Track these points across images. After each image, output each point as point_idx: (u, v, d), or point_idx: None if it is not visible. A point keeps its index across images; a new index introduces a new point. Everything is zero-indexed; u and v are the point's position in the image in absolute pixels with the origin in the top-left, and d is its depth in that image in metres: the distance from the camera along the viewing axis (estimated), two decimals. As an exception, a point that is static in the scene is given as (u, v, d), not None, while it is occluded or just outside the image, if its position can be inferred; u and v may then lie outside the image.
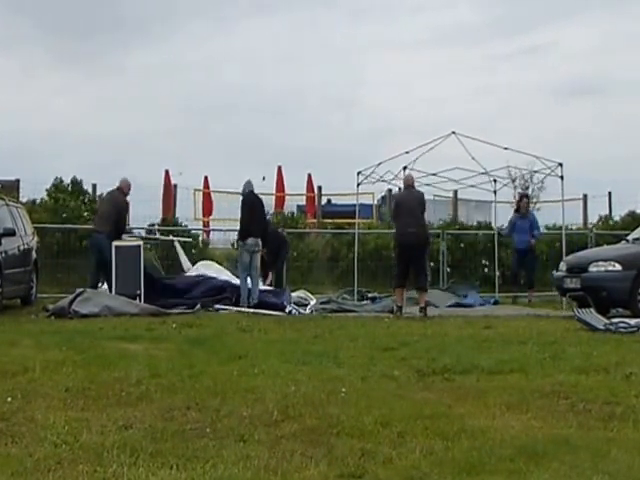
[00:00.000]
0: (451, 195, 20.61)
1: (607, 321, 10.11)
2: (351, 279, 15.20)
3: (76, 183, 17.73)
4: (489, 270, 17.68)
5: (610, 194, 22.23)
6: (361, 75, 44.93)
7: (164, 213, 19.53)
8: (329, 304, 13.49)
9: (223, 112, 44.55)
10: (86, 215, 16.62)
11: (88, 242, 14.10)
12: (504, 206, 18.17)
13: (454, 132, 14.17)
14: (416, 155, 14.12)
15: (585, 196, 21.65)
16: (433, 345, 8.32)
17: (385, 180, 15.56)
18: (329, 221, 20.62)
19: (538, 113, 42.22)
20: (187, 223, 19.09)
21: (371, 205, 22.34)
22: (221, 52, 45.45)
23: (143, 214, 18.03)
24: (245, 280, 12.77)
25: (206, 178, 22.39)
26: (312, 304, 13.34)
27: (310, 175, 23.09)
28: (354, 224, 17.23)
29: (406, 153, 14.14)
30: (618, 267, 12.08)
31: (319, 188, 22.20)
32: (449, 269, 17.35)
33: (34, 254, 13.77)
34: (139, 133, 39.10)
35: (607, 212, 21.82)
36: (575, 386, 5.95)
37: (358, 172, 15.10)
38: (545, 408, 5.26)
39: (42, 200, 17.43)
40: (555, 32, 45.31)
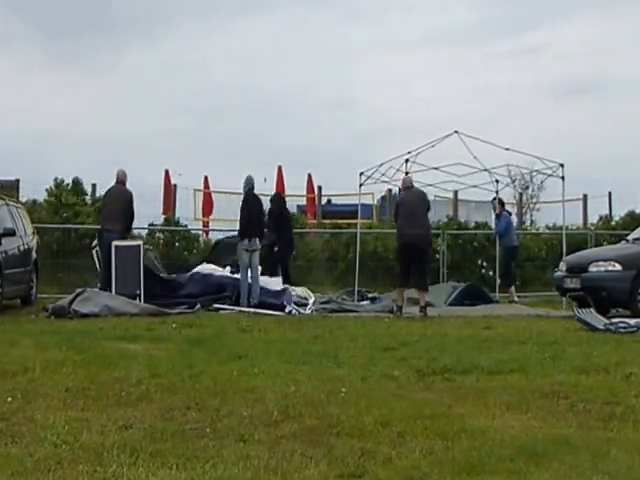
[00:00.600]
0: (451, 196, 20.64)
1: (607, 321, 10.11)
2: (351, 279, 15.19)
3: (77, 183, 17.74)
4: (487, 270, 17.68)
5: (610, 194, 22.23)
6: (361, 75, 45.03)
7: (164, 213, 19.53)
8: (329, 304, 13.49)
9: (223, 112, 44.63)
10: (87, 214, 16.61)
11: (98, 241, 13.30)
12: (505, 206, 18.13)
13: (457, 131, 14.17)
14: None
15: (585, 196, 21.63)
16: (433, 345, 8.32)
17: (387, 180, 15.57)
18: (329, 221, 20.60)
19: (538, 113, 42.40)
20: (187, 223, 19.12)
21: (371, 205, 22.33)
22: (221, 52, 45.58)
23: (143, 214, 18.04)
24: (245, 279, 12.79)
25: (206, 178, 22.39)
26: (312, 302, 13.32)
27: (310, 175, 23.10)
28: (354, 224, 17.21)
29: (408, 153, 14.17)
30: (618, 267, 12.08)
31: (319, 188, 22.18)
32: (447, 270, 17.32)
33: (34, 254, 13.75)
34: (139, 133, 39.21)
35: (607, 212, 21.84)
36: (575, 386, 5.95)
37: (361, 172, 15.10)
38: (545, 408, 5.26)
39: (45, 201, 17.42)
40: (555, 32, 45.47)
